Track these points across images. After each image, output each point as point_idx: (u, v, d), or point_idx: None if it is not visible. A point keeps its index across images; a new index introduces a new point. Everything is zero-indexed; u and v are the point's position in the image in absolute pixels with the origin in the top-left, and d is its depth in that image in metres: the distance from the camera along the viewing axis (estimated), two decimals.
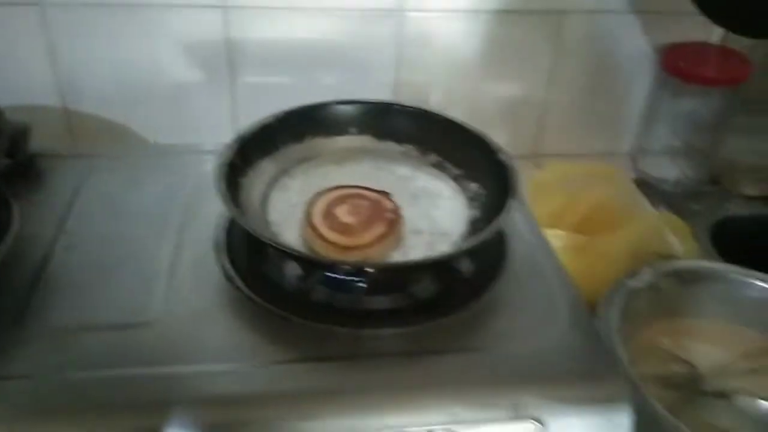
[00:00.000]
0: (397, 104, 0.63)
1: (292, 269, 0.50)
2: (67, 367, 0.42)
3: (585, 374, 0.44)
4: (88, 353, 0.43)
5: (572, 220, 0.68)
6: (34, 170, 0.61)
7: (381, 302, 0.49)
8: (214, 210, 0.55)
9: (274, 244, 0.47)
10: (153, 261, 0.50)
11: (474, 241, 0.49)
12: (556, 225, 0.66)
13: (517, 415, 0.42)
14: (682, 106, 0.89)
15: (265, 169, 0.57)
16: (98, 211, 0.56)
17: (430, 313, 0.48)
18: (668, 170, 0.92)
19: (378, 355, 0.45)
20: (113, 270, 0.50)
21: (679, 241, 0.65)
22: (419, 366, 0.44)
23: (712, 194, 0.91)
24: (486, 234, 0.48)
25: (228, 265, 0.50)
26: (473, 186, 0.57)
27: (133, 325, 0.45)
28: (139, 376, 0.41)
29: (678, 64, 0.86)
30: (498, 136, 0.58)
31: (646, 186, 0.90)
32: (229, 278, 0.49)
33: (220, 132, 0.81)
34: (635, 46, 0.87)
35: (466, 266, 0.52)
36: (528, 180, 0.76)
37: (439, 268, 0.51)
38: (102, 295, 0.47)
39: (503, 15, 0.81)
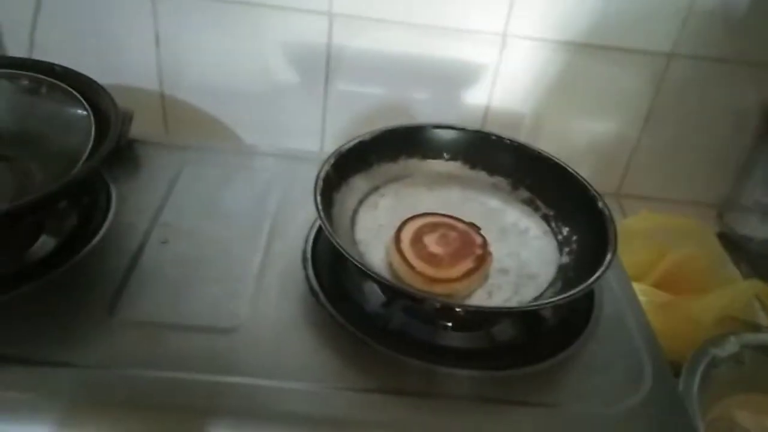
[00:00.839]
0: (494, 135, 0.62)
1: (376, 294, 0.50)
2: (150, 365, 0.43)
3: None
4: (173, 352, 0.44)
5: (657, 276, 0.66)
6: (133, 156, 0.63)
7: (461, 340, 0.49)
8: (302, 219, 0.56)
9: (366, 270, 0.46)
10: (242, 264, 0.51)
11: (566, 297, 0.47)
12: (640, 279, 0.65)
13: None
14: None
15: (358, 185, 0.57)
16: (192, 206, 0.57)
17: (509, 360, 0.47)
18: (756, 229, 0.89)
19: (450, 397, 0.44)
20: (204, 269, 0.50)
21: (765, 310, 0.62)
22: (490, 414, 0.43)
23: None
24: (580, 290, 0.46)
25: (313, 279, 0.51)
26: (565, 229, 0.56)
27: (219, 330, 0.46)
28: (220, 384, 0.42)
29: None
30: (584, 171, 0.57)
31: (730, 242, 0.87)
32: (313, 292, 0.50)
33: (309, 136, 0.83)
34: (739, 98, 0.84)
35: (552, 317, 0.50)
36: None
37: (525, 315, 0.50)
38: (191, 295, 0.48)
39: (608, 51, 0.79)
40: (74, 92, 0.58)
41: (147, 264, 0.50)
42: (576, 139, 0.86)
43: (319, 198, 0.50)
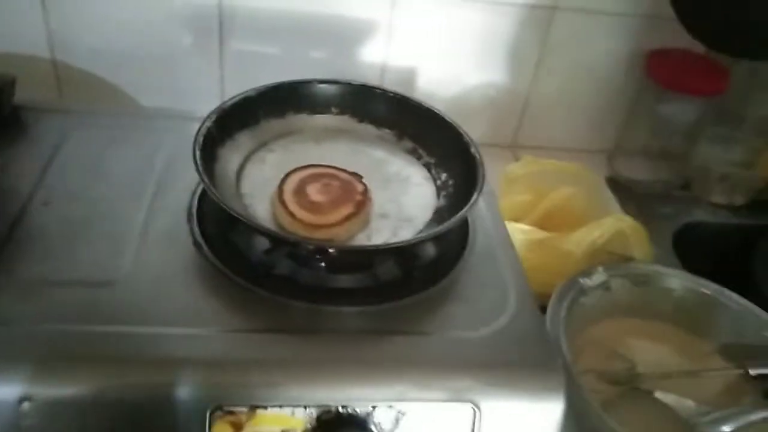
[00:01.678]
0: (378, 88, 0.64)
1: (259, 243, 0.52)
2: (32, 319, 0.44)
3: (523, 363, 0.47)
4: (55, 307, 0.45)
5: (537, 216, 0.70)
6: (18, 122, 0.62)
7: (342, 281, 0.51)
8: (189, 178, 0.56)
9: (242, 218, 0.48)
10: (126, 223, 0.52)
11: (434, 231, 0.51)
12: (521, 219, 0.69)
13: (457, 398, 0.44)
14: (662, 110, 0.91)
15: (243, 141, 0.59)
16: (78, 169, 0.57)
17: (387, 296, 0.50)
18: (642, 172, 0.95)
19: (333, 331, 0.47)
20: (87, 228, 0.51)
21: (636, 245, 0.67)
22: (369, 344, 0.46)
23: (682, 199, 0.94)
24: (446, 226, 0.50)
25: (198, 233, 0.52)
26: (443, 175, 0.59)
27: (101, 284, 0.47)
28: (102, 333, 0.43)
29: (661, 70, 0.88)
30: (480, 125, 0.60)
31: (618, 186, 0.93)
32: (197, 245, 0.51)
33: (208, 98, 0.83)
34: (621, 48, 0.89)
35: (427, 253, 0.54)
36: (504, 170, 0.78)
37: (399, 253, 0.53)
38: (73, 252, 0.49)
39: (496, 6, 0.83)
40: None
41: (29, 226, 0.51)
42: (470, 94, 0.90)
43: (198, 152, 0.51)
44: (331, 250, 0.49)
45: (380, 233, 0.54)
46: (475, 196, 0.52)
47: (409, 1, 0.81)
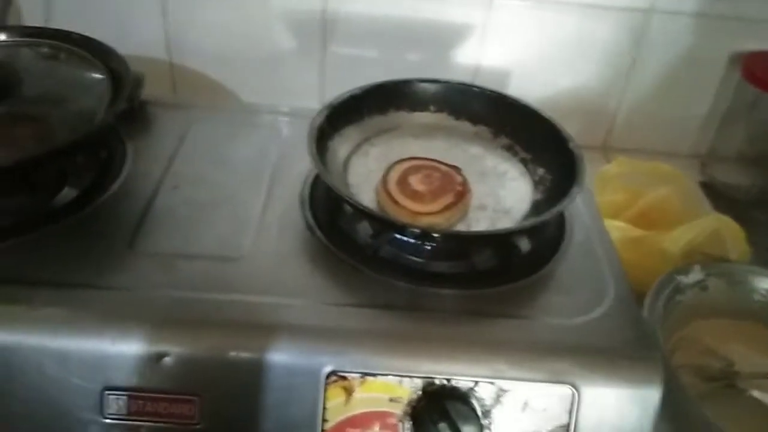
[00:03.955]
0: (475, 86, 0.67)
1: (366, 227, 0.55)
2: (167, 286, 0.49)
3: (622, 351, 0.47)
4: (186, 277, 0.50)
5: (632, 214, 0.70)
6: (145, 116, 0.68)
7: (442, 267, 0.54)
8: (301, 168, 0.61)
9: (352, 203, 0.52)
10: (246, 206, 0.57)
11: (535, 221, 0.53)
12: (617, 217, 0.70)
13: (555, 379, 0.46)
14: (759, 114, 0.89)
15: (350, 135, 0.63)
16: (200, 158, 0.62)
17: (486, 281, 0.52)
18: (737, 177, 0.93)
19: (435, 311, 0.49)
20: (211, 210, 0.56)
21: (733, 246, 0.67)
22: (470, 325, 0.49)
23: None
24: (547, 216, 0.52)
25: (310, 217, 0.56)
26: (540, 171, 0.61)
27: (226, 259, 0.51)
28: (225, 301, 0.48)
29: (758, 73, 0.86)
30: (571, 126, 0.61)
31: (713, 191, 0.91)
32: (310, 228, 0.55)
33: (309, 98, 0.88)
34: (718, 50, 0.88)
35: (525, 244, 0.56)
36: (595, 172, 0.79)
37: (499, 241, 0.55)
38: (200, 230, 0.54)
39: (587, 9, 0.84)
40: (91, 57, 0.64)
41: (160, 206, 0.56)
42: (562, 96, 0.91)
43: (313, 144, 0.55)
44: (436, 235, 0.51)
45: (479, 223, 0.56)
46: (576, 188, 0.53)
47: (504, 4, 0.83)
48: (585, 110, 0.91)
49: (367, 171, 0.61)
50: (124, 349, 0.44)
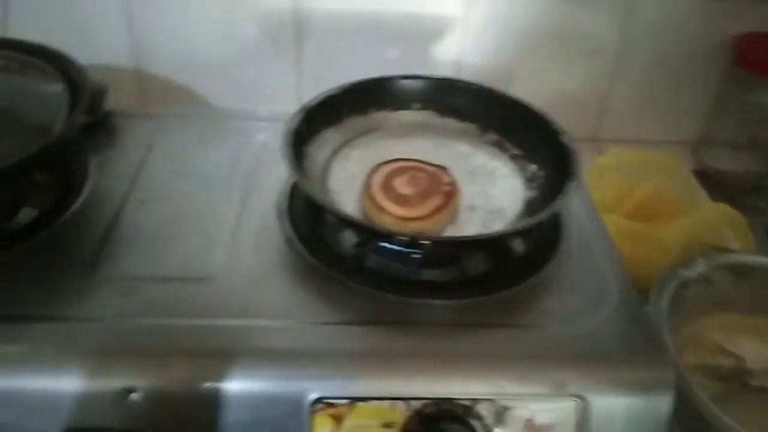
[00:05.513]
0: (460, 81, 0.63)
1: (349, 236, 0.51)
2: (133, 314, 0.45)
3: (629, 357, 0.44)
4: (154, 302, 0.46)
5: (628, 207, 0.67)
6: (110, 128, 0.64)
7: (433, 274, 0.50)
8: (277, 176, 0.57)
9: (334, 211, 0.48)
10: (217, 220, 0.53)
11: (530, 221, 0.50)
12: (612, 210, 0.66)
13: (560, 392, 0.43)
14: (752, 98, 0.87)
15: (328, 138, 0.59)
16: (168, 170, 0.59)
17: (480, 288, 0.49)
18: (730, 163, 0.90)
19: (427, 324, 0.46)
20: (180, 226, 0.52)
21: (735, 235, 0.64)
22: (466, 337, 0.45)
23: None
24: (542, 215, 0.48)
25: (289, 229, 0.52)
26: (532, 167, 0.58)
27: (196, 279, 0.47)
28: (198, 327, 0.44)
29: (750, 56, 0.83)
30: (558, 118, 0.58)
31: (706, 178, 0.89)
32: (288, 241, 0.51)
33: (285, 101, 0.84)
34: (708, 34, 0.85)
35: (520, 245, 0.52)
36: (587, 164, 0.75)
37: (493, 245, 0.52)
38: (168, 249, 0.50)
39: None
40: (47, 67, 0.60)
41: (126, 224, 0.52)
42: (548, 88, 0.87)
43: (289, 149, 0.52)
44: (425, 242, 0.48)
45: (470, 225, 0.53)
46: (571, 184, 0.50)
47: None
48: (573, 101, 0.88)
49: (348, 176, 0.57)
50: (86, 385, 0.40)
